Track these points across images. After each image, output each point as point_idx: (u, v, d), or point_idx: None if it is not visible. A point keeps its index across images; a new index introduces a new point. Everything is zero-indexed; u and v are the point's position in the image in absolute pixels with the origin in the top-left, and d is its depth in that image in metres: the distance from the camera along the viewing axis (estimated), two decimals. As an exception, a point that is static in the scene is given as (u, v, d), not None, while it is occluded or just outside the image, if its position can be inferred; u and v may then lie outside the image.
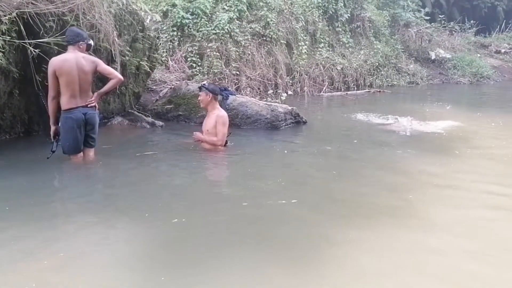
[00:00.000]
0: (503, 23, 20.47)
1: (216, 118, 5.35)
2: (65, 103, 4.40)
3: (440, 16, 17.96)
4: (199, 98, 5.54)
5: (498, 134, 7.15)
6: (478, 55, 17.86)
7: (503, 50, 18.97)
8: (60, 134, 4.55)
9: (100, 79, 5.69)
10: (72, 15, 5.39)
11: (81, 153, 4.67)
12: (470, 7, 21.53)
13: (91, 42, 4.71)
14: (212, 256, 2.93)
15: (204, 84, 5.69)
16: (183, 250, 3.05)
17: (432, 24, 16.80)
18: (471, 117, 8.43)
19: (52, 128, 4.57)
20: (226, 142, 5.49)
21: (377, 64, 13.36)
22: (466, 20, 19.59)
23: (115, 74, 4.61)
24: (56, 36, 4.96)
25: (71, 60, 4.34)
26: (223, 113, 5.44)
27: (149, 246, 3.11)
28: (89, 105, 4.53)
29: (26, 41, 4.88)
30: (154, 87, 8.69)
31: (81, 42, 4.46)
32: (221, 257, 2.94)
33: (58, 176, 4.60)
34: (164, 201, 3.93)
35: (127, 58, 6.58)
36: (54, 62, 4.35)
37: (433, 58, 15.85)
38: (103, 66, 4.59)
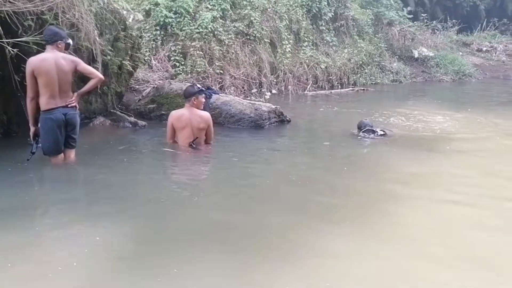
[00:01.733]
0: (484, 22, 20.73)
1: None
2: (44, 103, 4.32)
3: (423, 14, 18.12)
4: None
5: (484, 131, 7.23)
6: (460, 53, 18.06)
7: (484, 49, 19.22)
8: (40, 135, 4.48)
9: (82, 78, 5.60)
10: (51, 14, 5.30)
11: (62, 154, 4.60)
12: (453, 6, 21.75)
13: (70, 41, 4.64)
14: (197, 257, 2.93)
15: None
16: (166, 252, 3.03)
17: (415, 22, 16.92)
18: (455, 114, 8.50)
19: (32, 129, 4.49)
20: (191, 145, 5.41)
21: (360, 62, 13.41)
22: (448, 18, 19.80)
23: (96, 74, 4.55)
24: (35, 35, 4.86)
25: (49, 60, 4.26)
26: (171, 112, 5.64)
27: (133, 249, 3.09)
28: (69, 105, 4.46)
29: (3, 40, 4.77)
30: (137, 86, 8.62)
31: (59, 41, 4.39)
32: (206, 258, 2.93)
33: (39, 177, 4.53)
34: (146, 203, 3.90)
35: (109, 57, 6.51)
36: (32, 62, 4.28)
37: (416, 56, 15.97)
38: (83, 66, 4.52)
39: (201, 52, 9.59)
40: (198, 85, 5.90)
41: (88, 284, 2.63)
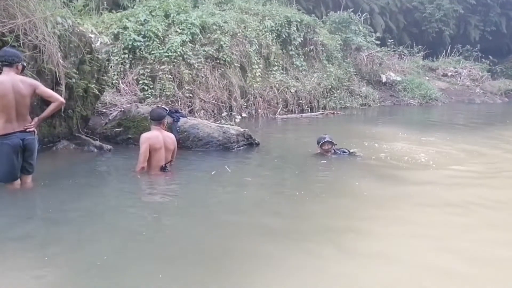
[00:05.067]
0: (449, 48, 21.49)
1: None
2: (0, 128, 4.14)
3: (390, 40, 18.65)
4: None
5: (452, 155, 7.23)
6: (427, 78, 18.60)
7: (449, 74, 19.86)
8: (-5, 161, 4.29)
9: (45, 101, 5.48)
10: (12, 35, 5.20)
11: (18, 180, 4.41)
12: (419, 33, 22.51)
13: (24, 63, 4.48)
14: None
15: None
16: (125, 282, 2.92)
17: (383, 48, 17.38)
18: (422, 138, 8.58)
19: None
20: (163, 168, 5.32)
21: (330, 86, 13.61)
22: (414, 44, 20.45)
23: (56, 97, 4.40)
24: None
25: (6, 83, 4.09)
26: (143, 134, 5.39)
27: (90, 279, 2.96)
28: (27, 130, 4.30)
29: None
30: (104, 110, 8.47)
31: (18, 63, 4.23)
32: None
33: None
34: (105, 230, 3.76)
35: (74, 80, 6.38)
36: None
37: (384, 80, 16.34)
38: (42, 89, 4.37)
39: (170, 76, 9.55)
40: (165, 107, 5.84)
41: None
